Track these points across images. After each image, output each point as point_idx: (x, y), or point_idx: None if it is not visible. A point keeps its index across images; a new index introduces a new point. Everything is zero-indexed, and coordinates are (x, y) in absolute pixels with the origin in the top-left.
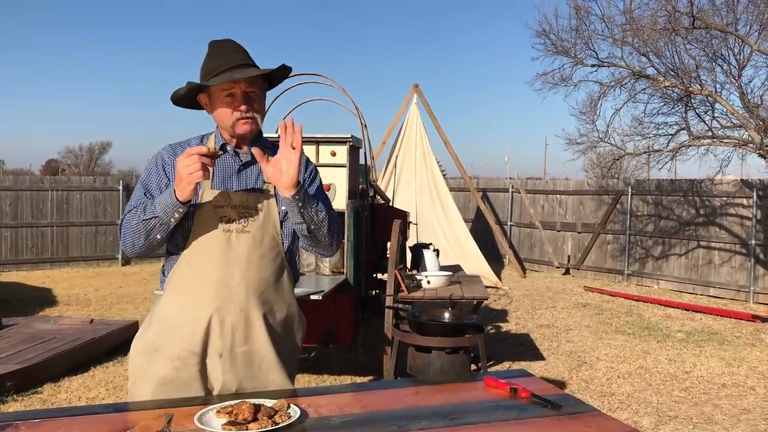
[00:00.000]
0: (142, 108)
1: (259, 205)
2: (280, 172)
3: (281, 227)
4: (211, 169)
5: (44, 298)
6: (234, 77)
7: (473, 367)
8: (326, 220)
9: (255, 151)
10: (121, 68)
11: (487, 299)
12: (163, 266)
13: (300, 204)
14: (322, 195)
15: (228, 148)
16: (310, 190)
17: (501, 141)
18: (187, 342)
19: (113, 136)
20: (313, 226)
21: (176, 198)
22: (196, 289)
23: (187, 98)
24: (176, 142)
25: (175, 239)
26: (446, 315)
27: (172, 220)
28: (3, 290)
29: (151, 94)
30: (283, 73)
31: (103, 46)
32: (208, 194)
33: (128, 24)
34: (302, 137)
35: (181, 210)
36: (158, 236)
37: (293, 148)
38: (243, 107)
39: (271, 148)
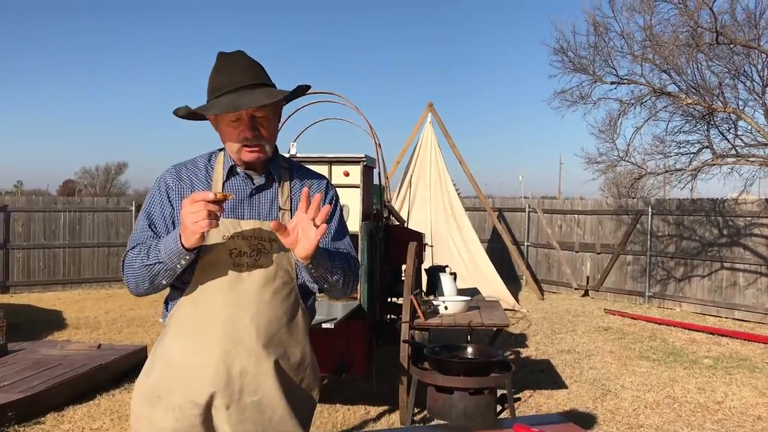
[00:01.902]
0: (159, 128)
1: (273, 236)
2: (296, 241)
3: (296, 259)
4: (220, 215)
5: (54, 321)
6: (237, 105)
7: (498, 408)
8: (341, 279)
9: (273, 225)
10: (137, 87)
11: (507, 326)
12: (167, 299)
13: (313, 271)
14: (340, 233)
15: (238, 170)
16: (328, 228)
17: (514, 160)
18: (190, 389)
19: (129, 156)
20: (326, 286)
21: (182, 245)
22: (202, 329)
23: (192, 115)
24: (181, 163)
25: (180, 273)
26: (469, 350)
27: (179, 266)
28: (14, 313)
29: (167, 113)
30: (298, 93)
31: (119, 64)
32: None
33: (145, 42)
34: (315, 158)
35: (187, 257)
36: (164, 281)
37: (315, 226)
38: (248, 133)
39: (287, 168)
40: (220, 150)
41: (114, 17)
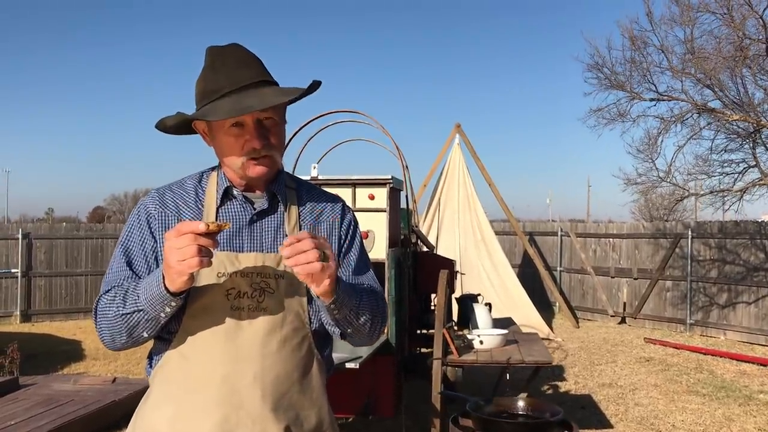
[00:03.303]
0: (184, 152)
1: (280, 271)
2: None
3: (309, 300)
4: (214, 251)
5: (72, 352)
6: (244, 107)
7: None
8: (369, 322)
9: (286, 244)
10: (164, 112)
11: (550, 364)
12: (151, 352)
13: (336, 312)
14: (363, 266)
15: (235, 193)
16: (347, 261)
17: (540, 183)
18: None
19: (157, 183)
20: (350, 330)
21: (165, 289)
22: (193, 391)
23: (178, 126)
24: (166, 186)
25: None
26: (520, 404)
27: (162, 315)
28: (33, 343)
29: (192, 136)
30: (310, 90)
31: (144, 92)
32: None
33: (165, 65)
34: (338, 180)
35: (173, 304)
36: (145, 334)
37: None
38: (256, 143)
39: (294, 189)
40: (212, 169)
41: (136, 37)
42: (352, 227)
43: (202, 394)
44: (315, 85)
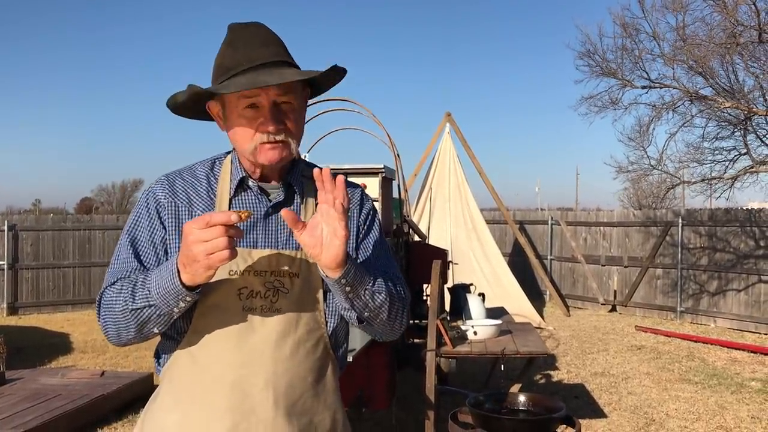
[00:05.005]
0: (173, 142)
1: (295, 269)
2: (319, 243)
3: (325, 299)
4: (236, 241)
5: (60, 345)
6: (259, 82)
7: None
8: (387, 303)
9: (285, 214)
10: (150, 103)
11: (546, 355)
12: (158, 350)
13: (348, 289)
14: (383, 256)
15: (250, 183)
16: (364, 246)
17: (529, 172)
18: None
19: (144, 173)
20: (367, 314)
21: (181, 283)
22: (202, 396)
23: (192, 107)
24: (175, 171)
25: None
26: (521, 399)
27: (176, 310)
28: (20, 336)
29: (181, 125)
30: (333, 78)
31: (132, 80)
32: None
33: (156, 54)
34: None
35: (188, 299)
36: (155, 330)
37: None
38: (270, 126)
39: (311, 178)
40: (226, 154)
41: (124, 25)
42: (370, 216)
43: (212, 398)
44: (340, 72)
